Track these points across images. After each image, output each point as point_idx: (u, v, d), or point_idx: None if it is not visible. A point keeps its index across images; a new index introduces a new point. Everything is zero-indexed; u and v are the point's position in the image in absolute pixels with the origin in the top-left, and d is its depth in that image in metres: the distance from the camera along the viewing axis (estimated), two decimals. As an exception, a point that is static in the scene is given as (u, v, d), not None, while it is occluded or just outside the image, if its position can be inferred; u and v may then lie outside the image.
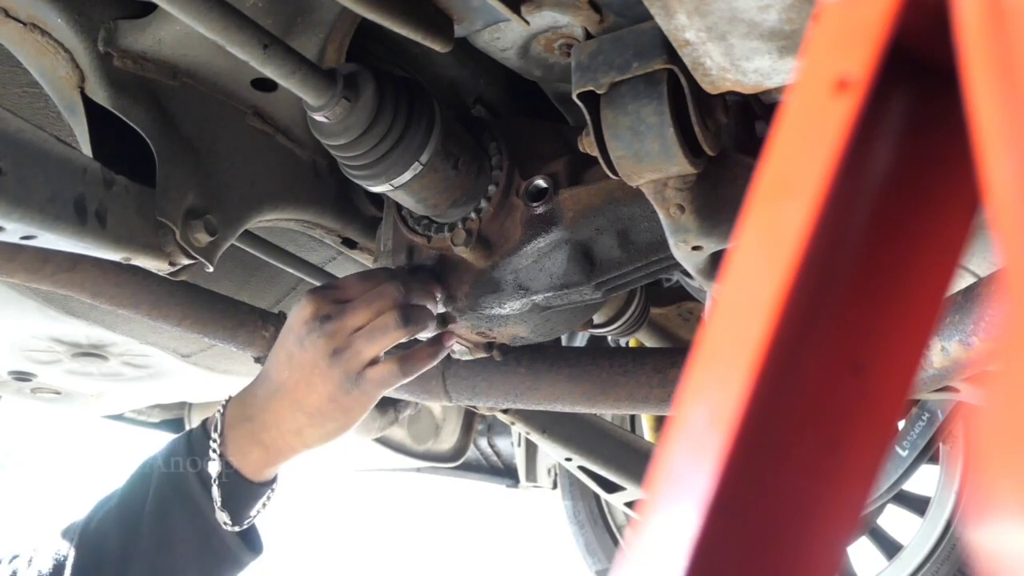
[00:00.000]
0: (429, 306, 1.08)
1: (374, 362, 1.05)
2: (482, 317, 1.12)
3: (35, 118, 1.16)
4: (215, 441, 1.06)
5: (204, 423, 1.10)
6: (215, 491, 1.05)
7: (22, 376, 1.91)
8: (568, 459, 1.92)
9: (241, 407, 1.08)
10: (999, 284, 0.85)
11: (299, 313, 1.04)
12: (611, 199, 1.04)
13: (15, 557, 1.08)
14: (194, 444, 1.08)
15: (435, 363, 1.09)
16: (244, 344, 1.35)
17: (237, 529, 1.08)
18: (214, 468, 1.05)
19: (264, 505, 1.12)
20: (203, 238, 0.98)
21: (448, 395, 1.40)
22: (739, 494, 0.32)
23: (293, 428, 1.06)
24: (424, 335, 1.11)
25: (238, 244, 1.24)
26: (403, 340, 1.05)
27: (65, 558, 1.05)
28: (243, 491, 1.08)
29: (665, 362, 1.28)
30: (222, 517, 1.06)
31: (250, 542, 1.12)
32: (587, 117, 0.87)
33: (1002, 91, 0.28)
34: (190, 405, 2.53)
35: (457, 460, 2.59)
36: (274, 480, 1.12)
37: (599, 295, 1.08)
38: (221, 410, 1.09)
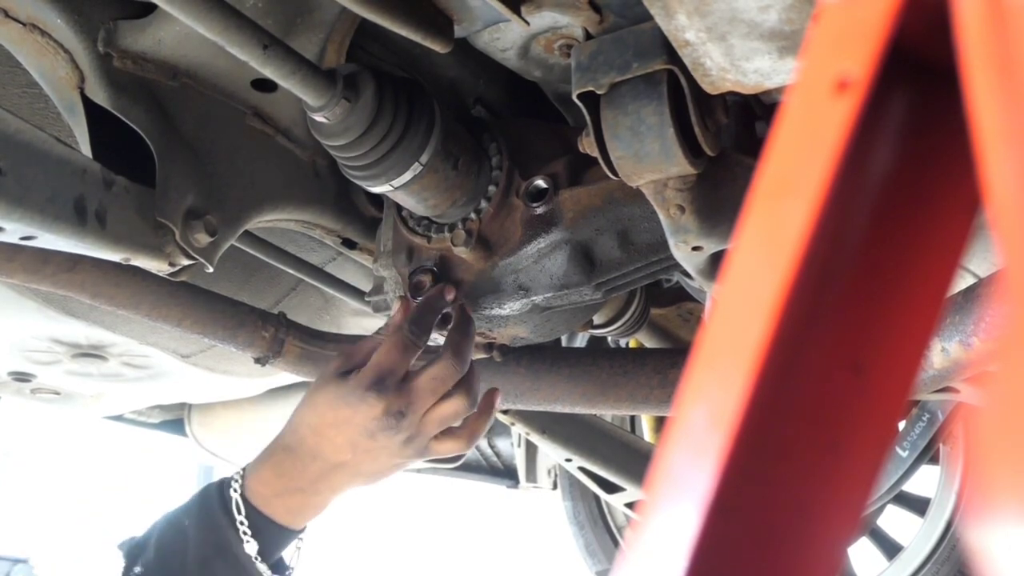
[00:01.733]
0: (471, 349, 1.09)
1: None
2: (482, 318, 1.12)
3: (35, 118, 1.16)
4: (243, 524, 1.06)
5: (223, 497, 1.08)
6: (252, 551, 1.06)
7: (22, 377, 1.91)
8: (568, 460, 1.91)
9: (282, 478, 1.06)
10: (999, 285, 0.85)
11: (367, 411, 1.02)
12: (611, 199, 1.04)
13: None
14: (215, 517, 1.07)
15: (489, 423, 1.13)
16: (244, 345, 1.35)
17: None
18: (251, 549, 1.05)
19: (298, 548, 1.14)
20: (203, 238, 0.98)
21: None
22: (739, 495, 0.32)
23: (346, 488, 1.09)
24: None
25: (238, 244, 1.24)
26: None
27: None
28: (280, 537, 1.09)
29: (665, 363, 1.28)
30: (265, 569, 1.07)
31: None
32: (587, 117, 0.87)
33: (1002, 91, 0.28)
34: (190, 406, 2.53)
35: (457, 461, 2.59)
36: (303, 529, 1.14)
37: (599, 296, 1.08)
38: (239, 482, 1.08)
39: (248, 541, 1.05)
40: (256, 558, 1.05)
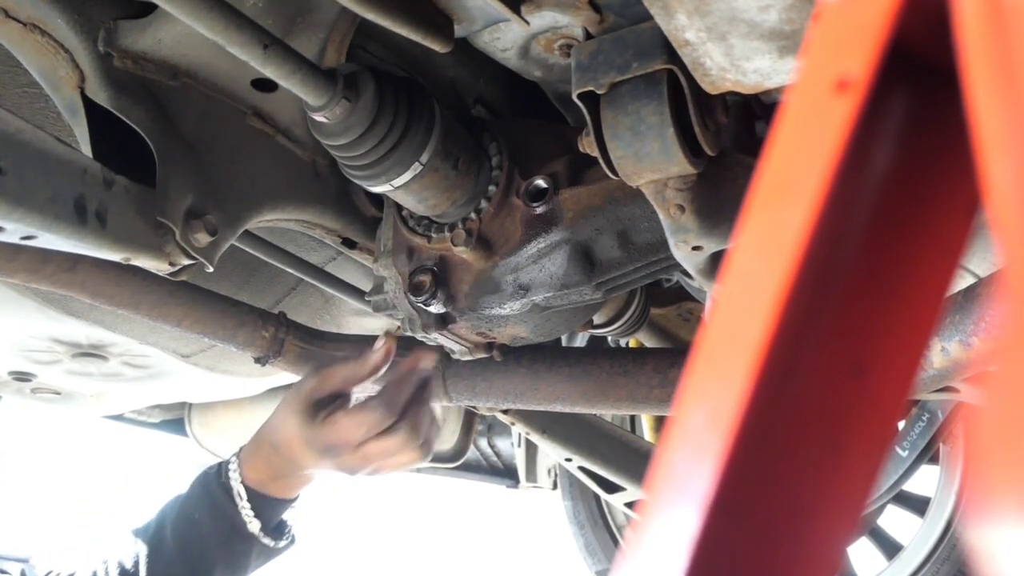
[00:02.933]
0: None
1: None
2: (482, 317, 1.12)
3: (35, 118, 1.16)
4: (245, 508, 1.23)
5: (224, 486, 1.24)
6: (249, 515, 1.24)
7: (22, 376, 1.91)
8: (568, 459, 1.91)
9: (272, 468, 1.23)
10: (999, 284, 0.85)
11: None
12: (611, 199, 1.04)
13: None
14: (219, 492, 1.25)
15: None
16: (244, 344, 1.35)
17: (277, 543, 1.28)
18: (255, 527, 1.23)
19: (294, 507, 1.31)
20: (203, 238, 0.98)
21: (448, 395, 1.39)
22: (739, 495, 0.32)
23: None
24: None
25: (238, 244, 1.24)
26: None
27: (138, 555, 1.23)
28: (278, 509, 1.27)
29: (665, 362, 1.28)
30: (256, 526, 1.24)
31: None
32: (587, 117, 0.87)
33: (1002, 91, 0.28)
34: (190, 405, 2.53)
35: (457, 460, 2.59)
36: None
37: (599, 295, 1.08)
38: (237, 472, 1.24)
39: (251, 521, 1.23)
40: (260, 533, 1.24)
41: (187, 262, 0.99)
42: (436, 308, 1.12)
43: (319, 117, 0.94)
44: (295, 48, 0.87)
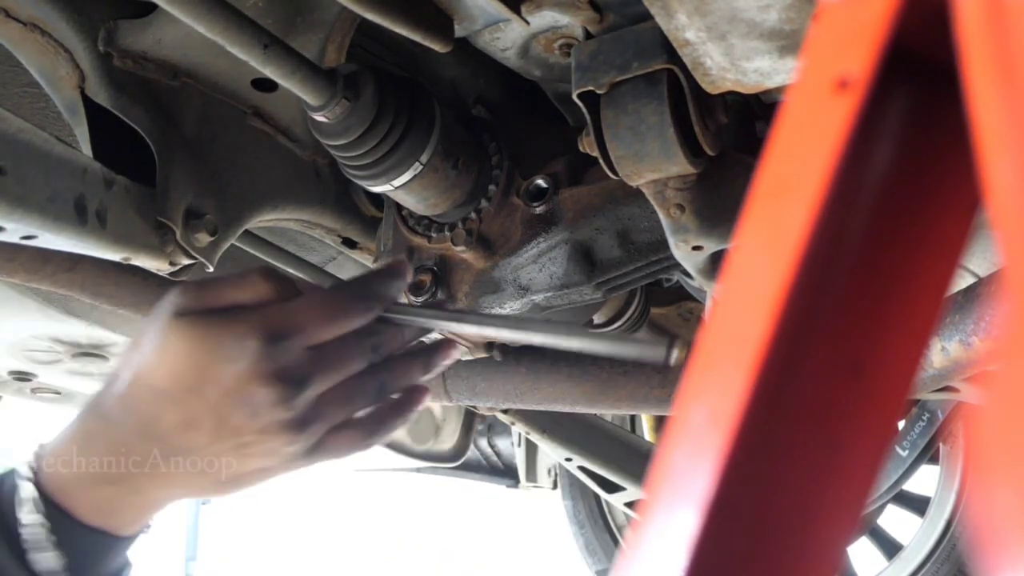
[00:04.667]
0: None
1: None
2: (482, 317, 1.12)
3: (35, 118, 1.16)
4: (29, 525, 0.69)
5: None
6: None
7: (22, 376, 1.91)
8: (568, 459, 1.92)
9: (89, 457, 0.71)
10: (999, 284, 0.85)
11: (257, 371, 0.68)
12: (611, 199, 1.04)
13: None
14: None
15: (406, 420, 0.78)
16: (244, 344, 1.35)
17: None
18: (47, 562, 0.69)
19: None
20: (203, 238, 0.98)
21: (448, 395, 1.40)
22: (739, 494, 0.32)
23: (182, 493, 0.75)
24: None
25: (238, 244, 1.24)
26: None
27: None
28: (94, 547, 0.72)
29: (665, 362, 1.28)
30: None
31: None
32: (587, 117, 0.87)
33: (1002, 90, 0.28)
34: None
35: (457, 460, 2.59)
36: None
37: (599, 295, 1.08)
38: (34, 462, 0.73)
39: (37, 549, 0.68)
40: None
41: (187, 262, 0.99)
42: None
43: (319, 117, 0.94)
44: (295, 48, 0.87)
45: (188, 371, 0.68)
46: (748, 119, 1.02)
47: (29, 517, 0.70)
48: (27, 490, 0.70)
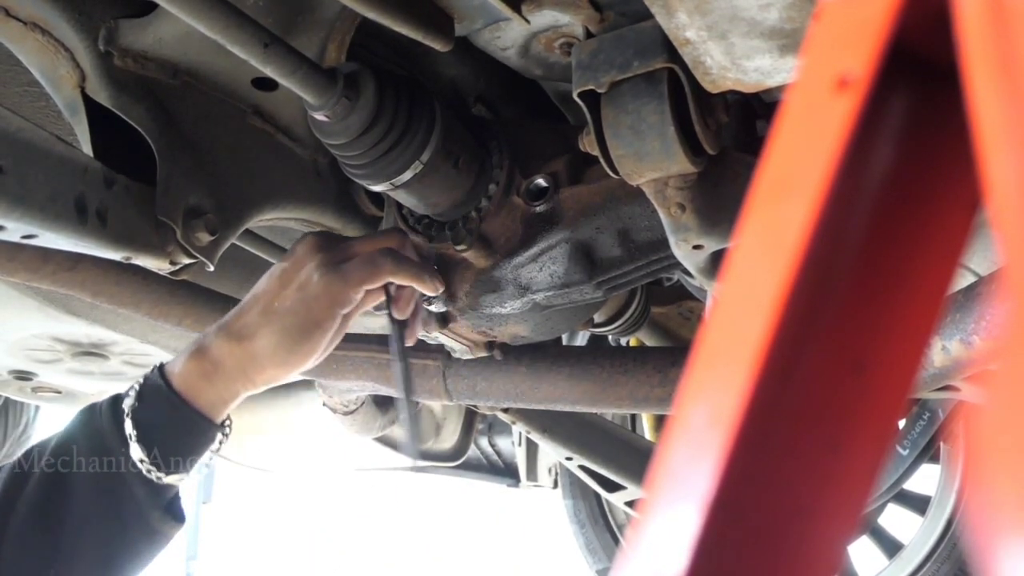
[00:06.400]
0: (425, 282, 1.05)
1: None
2: (483, 316, 1.12)
3: (36, 117, 1.16)
4: (131, 415, 0.90)
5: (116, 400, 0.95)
6: (128, 425, 0.89)
7: (23, 375, 1.91)
8: (569, 458, 1.92)
9: (202, 349, 0.98)
10: (1000, 283, 0.85)
11: (306, 254, 1.01)
12: (612, 198, 1.04)
13: None
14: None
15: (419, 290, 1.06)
16: (245, 343, 1.35)
17: (172, 479, 0.93)
18: (136, 452, 0.87)
19: (212, 451, 0.99)
20: (204, 237, 0.98)
21: (449, 394, 1.39)
22: (739, 493, 0.32)
23: (258, 345, 0.98)
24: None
25: (239, 243, 1.24)
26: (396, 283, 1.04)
27: None
28: (192, 425, 0.94)
29: (666, 361, 1.28)
30: (139, 456, 0.88)
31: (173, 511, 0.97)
32: (588, 116, 0.87)
33: (1003, 89, 0.28)
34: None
35: (458, 459, 2.59)
36: (224, 425, 1.01)
37: (600, 294, 1.08)
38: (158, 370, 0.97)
39: (133, 440, 0.87)
40: (144, 463, 0.87)
41: (188, 261, 0.99)
42: (436, 307, 1.12)
43: (319, 116, 0.94)
44: (296, 47, 0.87)
45: (277, 269, 1.01)
46: (749, 118, 1.02)
47: (127, 402, 0.91)
48: (133, 388, 0.93)
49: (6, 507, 0.86)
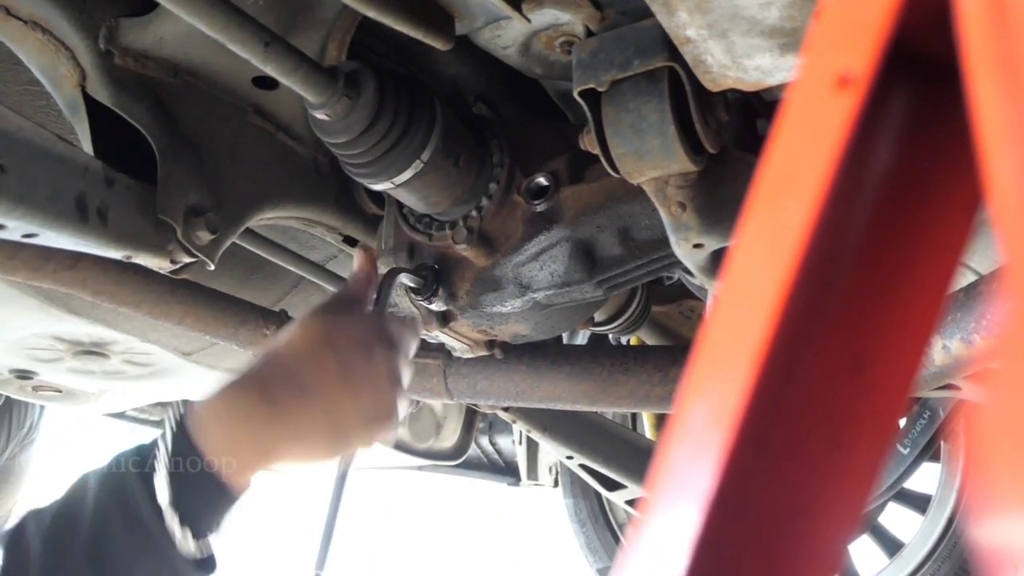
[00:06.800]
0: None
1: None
2: (483, 315, 1.12)
3: (36, 116, 1.16)
4: (161, 459, 0.80)
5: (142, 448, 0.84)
6: (165, 492, 0.80)
7: (23, 374, 1.91)
8: (569, 457, 1.91)
9: (235, 412, 0.84)
10: (1001, 281, 0.85)
11: (372, 327, 0.93)
12: (612, 197, 1.04)
13: None
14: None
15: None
16: (246, 342, 1.35)
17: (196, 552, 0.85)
18: (163, 497, 0.79)
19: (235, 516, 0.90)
20: (204, 236, 0.98)
21: (449, 393, 1.39)
22: (740, 492, 0.32)
23: (308, 440, 0.87)
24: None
25: (239, 242, 1.24)
26: None
27: None
28: (214, 495, 0.84)
29: (666, 360, 1.28)
30: (176, 528, 0.81)
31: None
32: (588, 115, 0.87)
33: (1004, 88, 0.28)
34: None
35: (458, 458, 2.59)
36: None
37: (600, 293, 1.08)
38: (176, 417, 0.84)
39: (160, 486, 0.78)
40: (172, 512, 0.78)
41: (188, 260, 0.99)
42: (437, 306, 1.12)
43: (320, 115, 0.94)
44: (296, 46, 0.87)
45: (322, 332, 0.88)
46: (749, 117, 1.02)
47: (161, 449, 0.80)
48: (165, 432, 0.81)
49: None
